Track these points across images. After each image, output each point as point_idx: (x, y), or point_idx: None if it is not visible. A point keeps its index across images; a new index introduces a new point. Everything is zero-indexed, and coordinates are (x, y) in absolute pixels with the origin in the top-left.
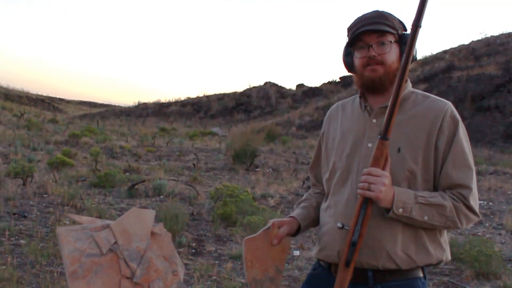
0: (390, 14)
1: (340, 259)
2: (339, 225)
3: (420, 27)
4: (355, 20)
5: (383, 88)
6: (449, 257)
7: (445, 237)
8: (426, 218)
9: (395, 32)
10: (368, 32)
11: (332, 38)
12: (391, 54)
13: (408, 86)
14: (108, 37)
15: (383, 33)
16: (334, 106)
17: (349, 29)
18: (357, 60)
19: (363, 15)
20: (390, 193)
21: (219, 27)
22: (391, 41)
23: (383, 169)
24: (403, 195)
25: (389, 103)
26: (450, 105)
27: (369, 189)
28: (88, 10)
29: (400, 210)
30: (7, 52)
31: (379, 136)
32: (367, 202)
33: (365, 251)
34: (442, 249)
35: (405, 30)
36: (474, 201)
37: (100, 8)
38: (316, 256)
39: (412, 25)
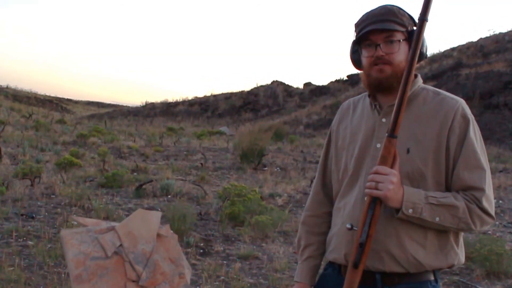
0: (400, 9)
1: (349, 260)
2: (348, 226)
3: (426, 21)
4: (363, 17)
5: (391, 87)
6: (462, 261)
7: (459, 241)
8: (437, 219)
9: (404, 29)
10: (375, 31)
11: (339, 36)
12: (400, 53)
13: (418, 82)
14: (115, 38)
15: (391, 31)
16: (345, 103)
17: (356, 26)
18: (364, 59)
19: (371, 11)
20: (399, 192)
21: (226, 26)
22: (399, 40)
23: (392, 167)
24: (413, 195)
25: (396, 100)
26: (461, 103)
27: (376, 188)
28: (95, 10)
29: (410, 210)
30: (15, 53)
31: (386, 134)
32: (375, 201)
33: (371, 255)
34: (455, 253)
35: (415, 25)
36: (488, 202)
37: (107, 8)
38: (327, 257)
39: (418, 19)
